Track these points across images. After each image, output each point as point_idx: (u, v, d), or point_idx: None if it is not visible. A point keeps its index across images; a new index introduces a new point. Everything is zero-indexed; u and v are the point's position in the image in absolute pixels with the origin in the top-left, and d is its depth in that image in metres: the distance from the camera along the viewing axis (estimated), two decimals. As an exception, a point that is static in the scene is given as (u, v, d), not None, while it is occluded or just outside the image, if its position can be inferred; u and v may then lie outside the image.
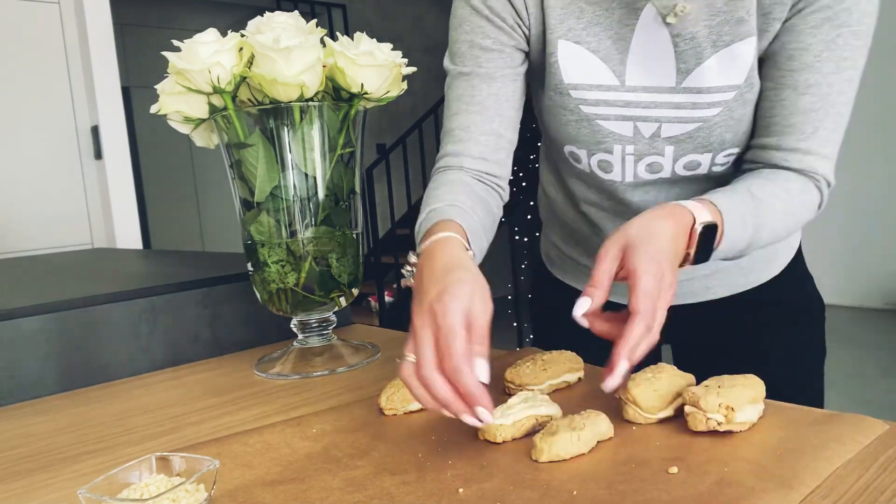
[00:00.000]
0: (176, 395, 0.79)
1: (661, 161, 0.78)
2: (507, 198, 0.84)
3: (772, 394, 0.58)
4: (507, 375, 0.68)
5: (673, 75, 0.73)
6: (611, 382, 0.56)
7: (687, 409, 0.55)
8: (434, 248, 0.63)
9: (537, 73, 0.81)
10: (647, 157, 0.78)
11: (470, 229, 0.69)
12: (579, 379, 0.70)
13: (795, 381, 0.68)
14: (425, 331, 0.54)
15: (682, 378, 0.60)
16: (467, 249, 0.65)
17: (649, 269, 0.57)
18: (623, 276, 0.59)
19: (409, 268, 0.67)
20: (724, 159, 0.78)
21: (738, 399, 0.53)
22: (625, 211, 0.84)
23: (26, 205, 2.37)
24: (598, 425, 0.54)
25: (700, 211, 0.63)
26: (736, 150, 0.77)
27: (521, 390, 0.65)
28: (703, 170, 0.78)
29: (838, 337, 3.92)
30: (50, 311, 0.82)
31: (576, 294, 0.60)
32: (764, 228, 0.68)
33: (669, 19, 0.70)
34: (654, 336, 0.57)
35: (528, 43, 0.78)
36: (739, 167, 0.78)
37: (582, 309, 0.59)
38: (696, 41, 0.71)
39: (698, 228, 0.62)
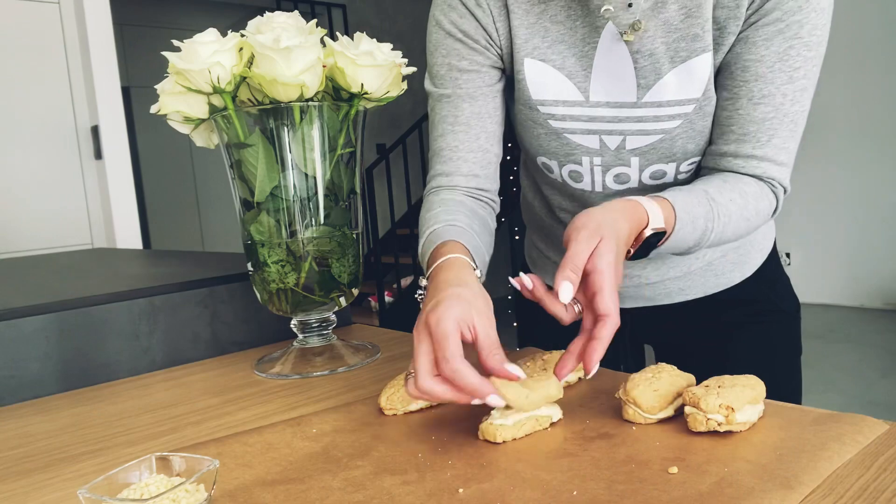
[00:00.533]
0: (176, 395, 0.79)
1: (627, 171, 0.80)
2: (498, 210, 0.87)
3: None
4: None
5: (634, 91, 0.75)
6: (593, 371, 0.59)
7: (687, 409, 0.55)
8: (438, 270, 0.65)
9: (509, 87, 0.83)
10: (615, 167, 0.80)
11: (473, 248, 0.71)
12: (580, 379, 0.70)
13: (771, 379, 0.69)
14: (422, 344, 0.56)
15: (682, 378, 0.60)
16: (474, 269, 0.67)
17: (612, 272, 0.60)
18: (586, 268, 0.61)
19: (420, 292, 0.69)
20: (688, 167, 0.80)
21: (738, 399, 0.53)
22: None
23: (26, 205, 2.37)
24: (547, 388, 0.57)
25: (656, 215, 0.65)
26: (699, 159, 0.79)
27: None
28: (668, 178, 0.81)
29: (838, 337, 3.92)
30: (50, 311, 0.82)
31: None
32: (713, 232, 0.70)
33: (626, 37, 0.72)
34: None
35: (503, 60, 0.80)
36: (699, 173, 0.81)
37: (568, 295, 0.59)
38: (655, 57, 0.73)
39: (647, 233, 0.65)
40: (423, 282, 0.68)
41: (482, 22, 0.78)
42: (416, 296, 0.69)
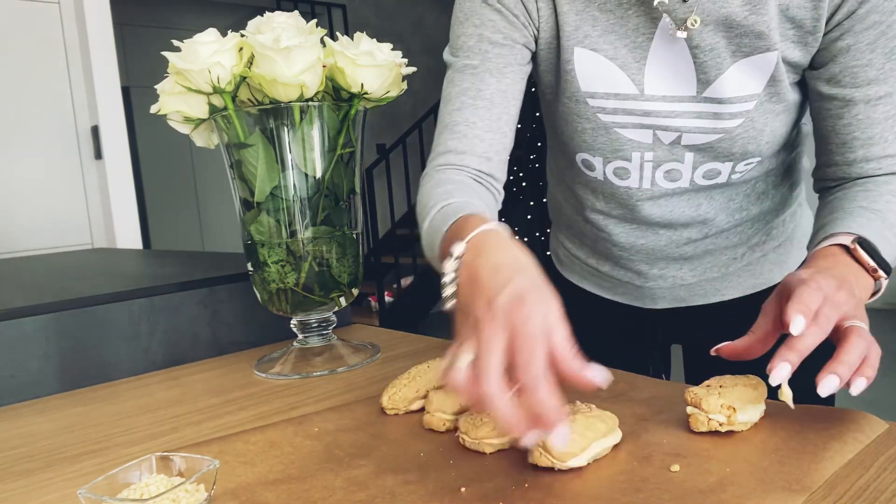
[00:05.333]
0: (176, 395, 0.79)
1: (679, 168, 0.77)
2: (500, 204, 0.80)
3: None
4: None
5: (693, 85, 0.72)
6: (778, 375, 0.50)
7: (689, 409, 0.55)
8: (486, 240, 0.53)
9: (549, 79, 0.79)
10: (666, 163, 0.77)
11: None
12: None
13: (807, 382, 0.65)
14: (497, 337, 0.45)
15: (599, 420, 0.52)
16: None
17: (816, 286, 0.52)
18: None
19: (450, 274, 0.53)
20: (743, 168, 0.77)
21: (739, 399, 0.53)
22: (635, 218, 0.84)
23: (26, 205, 2.37)
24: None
25: (838, 237, 0.61)
26: (756, 160, 0.76)
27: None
28: (722, 178, 0.78)
29: (838, 337, 3.91)
30: (50, 311, 0.82)
31: (581, 294, 0.59)
32: None
33: (679, 33, 0.68)
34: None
35: (537, 44, 0.76)
36: (824, 190, 0.75)
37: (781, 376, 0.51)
38: (716, 52, 0.70)
39: (853, 245, 0.60)
40: (458, 249, 0.53)
41: None
42: (444, 268, 0.54)
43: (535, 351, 0.44)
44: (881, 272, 0.60)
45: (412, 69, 0.85)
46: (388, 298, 4.91)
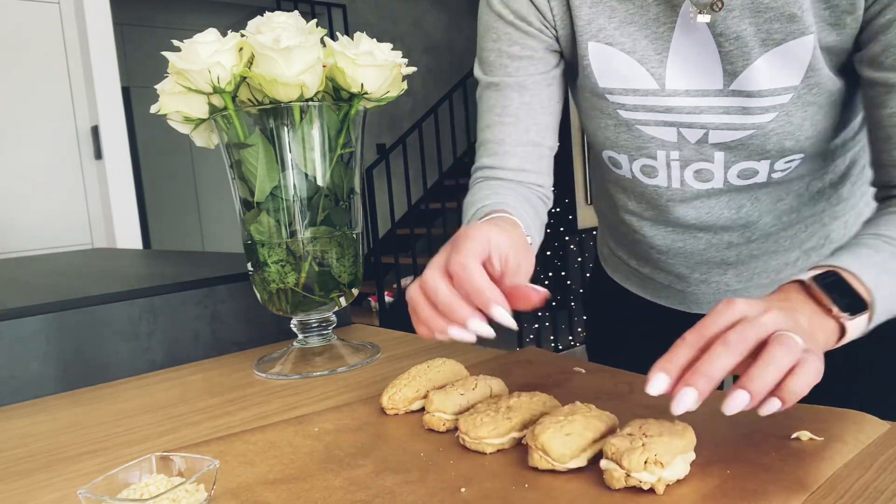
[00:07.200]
0: (176, 395, 0.79)
1: (710, 168, 0.72)
2: (550, 205, 0.80)
3: (861, 409, 0.54)
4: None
5: (719, 78, 0.67)
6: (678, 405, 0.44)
7: (604, 464, 0.46)
8: (469, 227, 0.59)
9: (572, 74, 0.77)
10: (695, 163, 0.73)
11: (523, 222, 0.66)
12: (519, 441, 0.55)
13: (887, 398, 0.59)
14: (434, 265, 0.54)
15: (599, 420, 0.51)
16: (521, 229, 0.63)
17: (778, 312, 0.46)
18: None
19: None
20: (784, 165, 0.71)
21: (667, 452, 0.45)
22: (668, 220, 0.80)
23: (26, 205, 2.37)
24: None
25: (806, 273, 0.52)
26: (799, 157, 0.70)
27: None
28: (760, 178, 0.72)
29: (838, 337, 3.91)
30: (50, 311, 0.82)
31: (626, 295, 0.56)
32: None
33: (700, 18, 0.64)
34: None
35: (559, 42, 0.74)
36: (881, 200, 0.66)
37: (656, 389, 0.46)
38: (742, 41, 0.64)
39: (810, 282, 0.51)
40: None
41: (535, 1, 0.71)
42: None
43: (459, 248, 0.52)
44: (836, 310, 0.50)
45: (412, 69, 0.84)
46: (388, 298, 4.91)
